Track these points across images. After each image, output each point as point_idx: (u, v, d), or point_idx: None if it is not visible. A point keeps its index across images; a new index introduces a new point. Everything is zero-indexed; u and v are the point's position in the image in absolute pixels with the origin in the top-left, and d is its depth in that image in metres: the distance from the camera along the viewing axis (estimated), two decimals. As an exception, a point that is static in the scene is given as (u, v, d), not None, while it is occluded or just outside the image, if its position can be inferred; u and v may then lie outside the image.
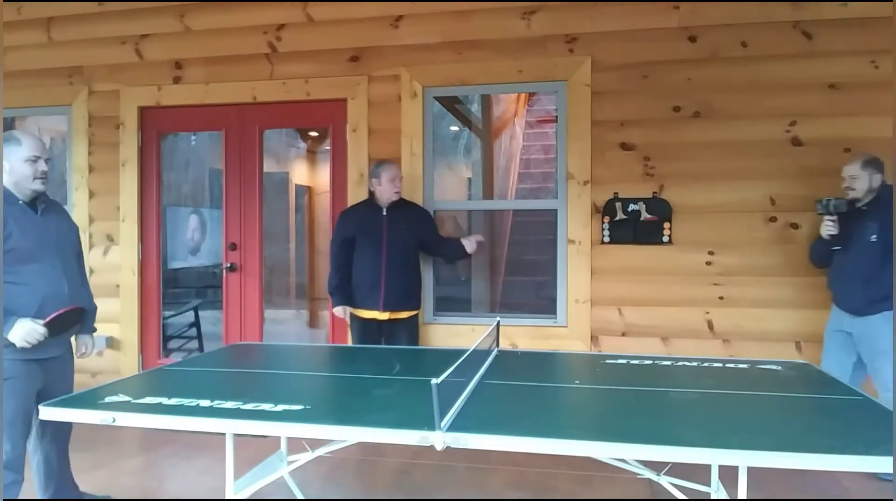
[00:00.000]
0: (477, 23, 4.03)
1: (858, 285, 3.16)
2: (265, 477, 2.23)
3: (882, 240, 3.09)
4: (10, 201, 2.42)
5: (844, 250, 3.25)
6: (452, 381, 1.75)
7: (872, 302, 3.12)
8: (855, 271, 3.19)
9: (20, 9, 4.58)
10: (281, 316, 6.80)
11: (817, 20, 3.65)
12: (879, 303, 3.10)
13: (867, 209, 3.21)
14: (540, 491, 3.04)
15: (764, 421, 1.81)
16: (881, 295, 3.08)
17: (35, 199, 2.51)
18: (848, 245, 3.23)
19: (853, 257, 3.20)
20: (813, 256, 3.49)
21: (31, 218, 2.47)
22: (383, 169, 3.73)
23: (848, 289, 3.25)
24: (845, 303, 3.27)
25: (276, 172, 7.12)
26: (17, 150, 2.44)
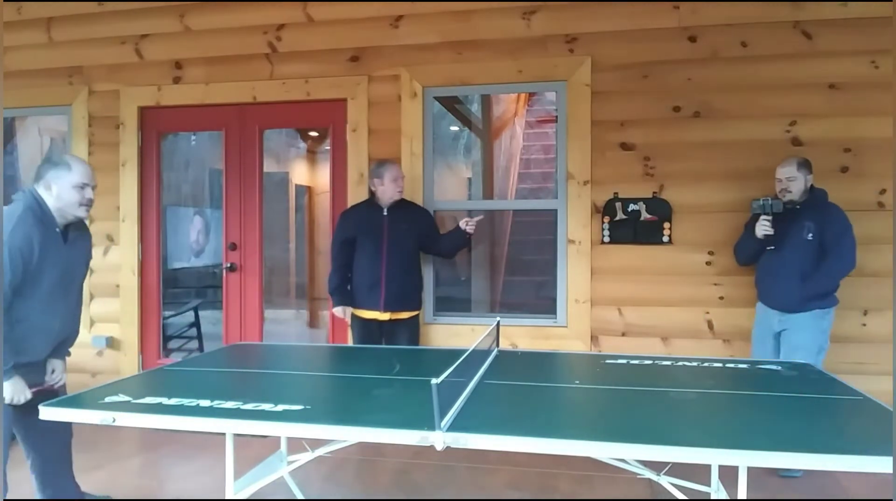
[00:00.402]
0: (477, 23, 4.03)
1: (794, 283, 3.24)
2: (265, 477, 2.23)
3: (818, 239, 3.22)
4: (48, 226, 2.39)
5: (778, 248, 3.32)
6: (452, 381, 1.75)
7: (806, 300, 3.22)
8: (790, 269, 3.27)
9: (20, 9, 4.58)
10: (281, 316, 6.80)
11: (817, 20, 3.65)
12: (812, 301, 3.23)
13: (801, 209, 3.30)
14: (540, 491, 3.04)
15: (764, 421, 1.81)
16: (814, 293, 3.22)
17: (68, 225, 2.49)
18: (782, 244, 3.31)
19: (788, 256, 3.28)
20: (740, 255, 3.56)
21: (60, 248, 2.45)
22: (385, 169, 3.73)
23: (781, 287, 3.31)
24: (776, 301, 3.35)
25: (276, 172, 7.12)
26: (66, 175, 2.42)
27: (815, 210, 3.28)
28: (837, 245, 3.20)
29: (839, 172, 3.65)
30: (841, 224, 3.23)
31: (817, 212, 3.27)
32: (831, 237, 3.21)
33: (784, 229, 3.31)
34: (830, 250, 3.21)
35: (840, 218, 3.25)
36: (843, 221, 3.25)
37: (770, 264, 3.38)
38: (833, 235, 3.21)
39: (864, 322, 3.64)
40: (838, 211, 3.29)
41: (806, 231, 3.24)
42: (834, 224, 3.22)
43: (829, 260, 3.21)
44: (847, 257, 3.23)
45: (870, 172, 3.62)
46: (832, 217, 3.25)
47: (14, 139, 5.52)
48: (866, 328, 3.63)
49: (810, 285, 3.22)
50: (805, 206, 3.31)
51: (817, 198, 3.34)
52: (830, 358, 3.50)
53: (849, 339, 3.64)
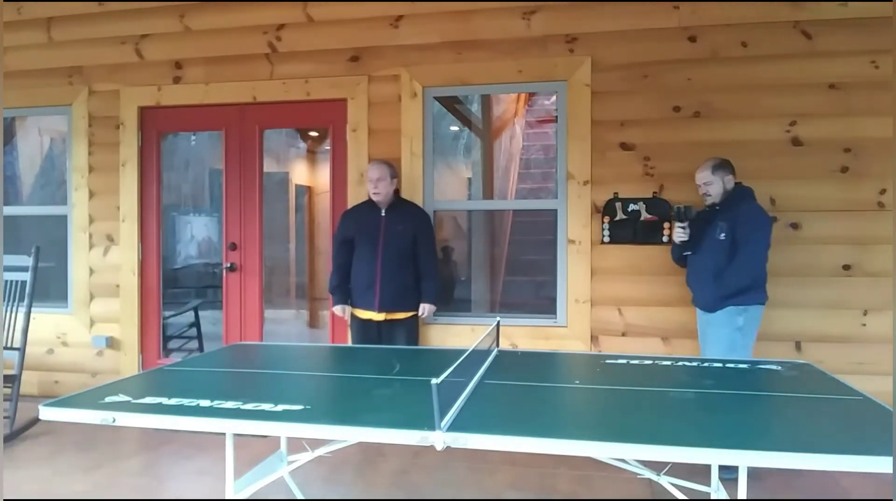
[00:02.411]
0: (477, 23, 4.03)
1: (709, 283, 3.26)
2: (265, 477, 2.23)
3: (730, 238, 3.20)
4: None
5: (696, 251, 3.35)
6: (452, 381, 1.75)
7: (721, 298, 3.21)
8: (706, 269, 3.28)
9: (20, 9, 4.58)
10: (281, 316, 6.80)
11: (817, 20, 3.65)
12: (725, 299, 3.21)
13: (719, 210, 3.31)
14: (540, 491, 3.04)
15: (764, 421, 1.81)
16: (728, 292, 3.19)
17: None
18: (699, 246, 3.33)
19: (704, 257, 3.30)
20: (672, 257, 3.58)
21: None
22: (367, 169, 3.77)
23: (700, 288, 3.36)
24: (699, 300, 3.38)
25: (276, 172, 7.12)
26: None
27: (730, 210, 3.26)
28: (747, 243, 3.17)
29: (839, 172, 3.65)
30: (753, 222, 3.21)
31: (731, 211, 3.25)
32: (742, 235, 3.18)
33: (702, 231, 3.32)
34: (740, 248, 3.18)
35: (752, 216, 3.23)
36: (756, 218, 3.23)
37: (692, 266, 3.41)
38: (744, 232, 3.18)
39: (864, 322, 3.64)
40: (752, 208, 3.26)
41: (719, 231, 3.23)
42: (745, 222, 3.19)
43: (738, 257, 3.18)
44: (756, 255, 3.21)
45: (870, 172, 3.62)
46: (744, 216, 3.21)
47: (14, 139, 5.52)
48: (866, 328, 3.63)
49: (721, 283, 3.20)
50: (723, 206, 3.30)
51: (734, 197, 3.30)
52: (831, 358, 3.51)
53: (849, 339, 3.64)
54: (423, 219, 3.88)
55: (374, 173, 3.73)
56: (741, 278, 3.19)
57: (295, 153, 7.63)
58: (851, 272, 3.65)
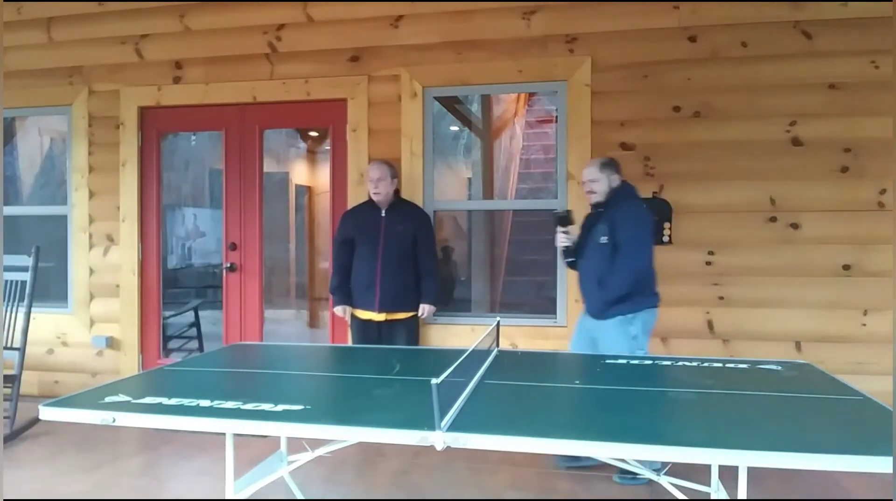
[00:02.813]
0: (477, 23, 4.03)
1: (595, 289, 3.11)
2: (265, 477, 2.23)
3: (611, 241, 3.06)
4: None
5: (581, 255, 3.23)
6: (452, 381, 1.75)
7: (607, 305, 3.06)
8: (591, 274, 3.15)
9: (20, 9, 4.58)
10: (281, 316, 6.81)
11: (817, 20, 3.65)
12: (612, 307, 3.05)
13: (602, 212, 3.17)
14: (540, 491, 3.04)
15: (764, 421, 1.81)
16: (613, 298, 3.03)
17: None
18: (584, 250, 3.22)
19: (589, 262, 3.18)
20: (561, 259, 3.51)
21: None
22: (368, 169, 3.75)
23: (587, 294, 3.21)
24: (588, 307, 3.22)
25: (276, 172, 7.13)
26: None
27: (611, 210, 3.12)
28: (627, 245, 3.03)
29: (839, 172, 3.65)
30: (633, 222, 3.07)
31: (612, 212, 3.11)
32: (622, 237, 3.04)
33: (589, 234, 3.20)
34: (620, 251, 3.03)
35: (633, 216, 3.10)
36: (637, 218, 3.10)
37: (580, 271, 3.28)
38: (624, 234, 3.04)
39: (864, 322, 3.64)
40: (633, 208, 3.14)
41: (600, 235, 3.10)
42: (624, 223, 3.05)
43: (618, 261, 3.03)
44: (638, 257, 3.06)
45: (870, 172, 3.62)
46: (623, 216, 3.07)
47: (14, 139, 5.52)
48: (866, 328, 3.63)
49: (604, 289, 3.05)
50: (606, 207, 3.16)
51: (616, 197, 3.16)
52: (830, 358, 3.51)
53: (849, 339, 3.64)
54: (424, 219, 3.88)
55: (375, 173, 3.73)
56: (624, 282, 3.03)
57: (295, 153, 7.64)
58: (851, 272, 3.65)
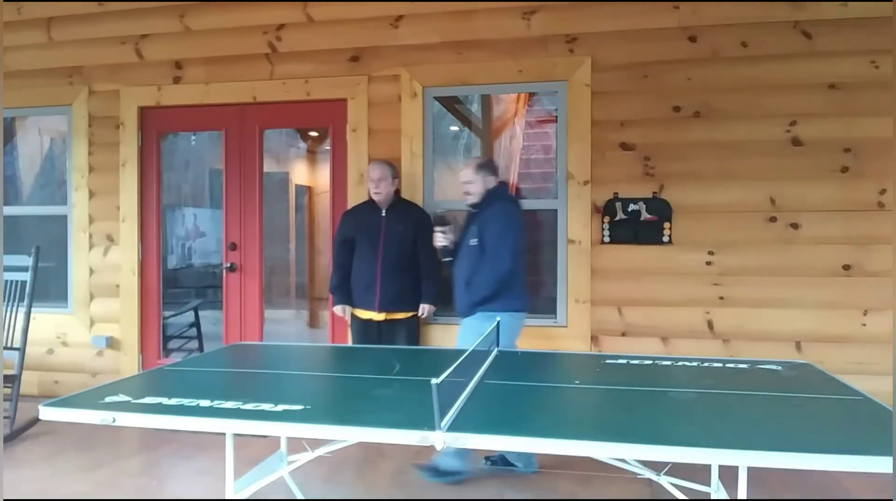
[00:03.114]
0: (477, 23, 4.03)
1: (462, 291, 3.15)
2: (265, 477, 2.23)
3: (481, 243, 3.08)
4: None
5: (458, 254, 3.23)
6: (452, 381, 1.75)
7: (471, 305, 3.10)
8: (460, 275, 3.18)
9: (20, 9, 4.58)
10: (281, 316, 6.81)
11: (817, 20, 3.65)
12: (475, 306, 3.10)
13: (479, 212, 3.18)
14: (540, 491, 3.04)
15: (764, 421, 1.81)
16: (478, 298, 3.08)
17: None
18: (460, 251, 3.21)
19: (460, 263, 3.20)
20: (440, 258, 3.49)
21: None
22: (368, 169, 3.76)
23: (457, 295, 3.23)
24: (457, 307, 3.25)
25: (276, 172, 7.13)
26: None
27: (482, 212, 3.14)
28: (492, 246, 3.05)
29: (839, 172, 3.65)
30: (500, 224, 3.08)
31: (483, 214, 3.13)
32: (489, 239, 3.07)
33: (463, 235, 3.23)
34: (486, 252, 3.06)
35: (500, 217, 3.10)
36: (504, 219, 3.10)
37: (454, 270, 3.28)
38: (491, 236, 3.07)
39: (864, 322, 3.64)
40: (502, 209, 3.13)
41: (470, 236, 3.13)
42: (492, 225, 3.07)
43: (484, 264, 3.06)
44: (503, 258, 3.05)
45: (870, 172, 3.62)
46: (492, 219, 3.09)
47: (14, 139, 5.52)
48: (866, 328, 3.63)
49: (470, 290, 3.10)
50: (479, 208, 3.19)
51: (489, 198, 3.17)
52: (830, 358, 3.51)
53: (849, 339, 3.64)
54: (424, 219, 3.87)
55: (376, 173, 3.73)
56: (487, 284, 3.06)
57: (295, 153, 7.64)
58: (851, 272, 3.65)
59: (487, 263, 3.05)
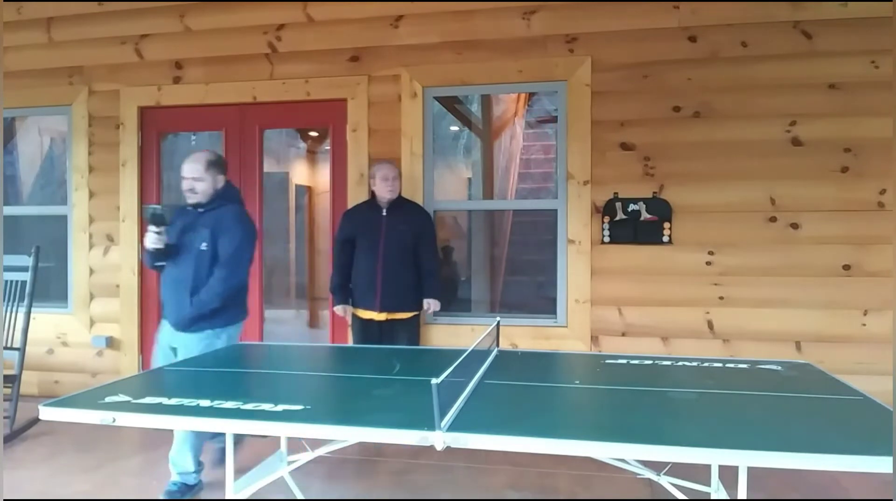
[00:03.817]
0: (477, 23, 4.03)
1: (184, 297, 2.86)
2: (265, 477, 2.23)
3: (213, 248, 2.87)
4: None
5: (176, 260, 2.92)
6: (452, 381, 1.75)
7: (196, 318, 2.86)
8: (183, 281, 2.88)
9: (20, 9, 4.58)
10: (281, 316, 6.80)
11: (817, 20, 3.66)
12: (201, 320, 2.87)
13: (204, 214, 2.93)
14: (540, 491, 3.04)
15: (764, 421, 1.81)
16: (204, 311, 2.85)
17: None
18: (181, 254, 2.91)
19: (183, 267, 2.89)
20: (146, 264, 3.13)
21: None
22: (377, 168, 3.74)
23: (176, 302, 2.90)
24: (171, 317, 2.93)
25: (276, 172, 7.12)
26: None
27: (214, 214, 2.91)
28: (230, 256, 2.86)
29: (839, 172, 3.65)
30: (240, 233, 2.89)
31: (215, 217, 2.90)
32: (226, 247, 2.86)
33: (185, 235, 2.93)
34: (222, 261, 2.86)
35: (239, 224, 2.91)
36: (243, 228, 2.92)
37: (168, 276, 2.96)
38: (228, 244, 2.86)
39: (864, 322, 3.64)
40: (239, 216, 2.96)
41: (200, 240, 2.87)
42: (230, 232, 2.87)
43: (217, 273, 2.85)
44: (240, 270, 2.90)
45: (870, 172, 3.62)
46: (232, 227, 2.89)
47: (14, 139, 5.52)
48: (866, 328, 3.63)
49: (198, 301, 2.84)
50: (207, 209, 2.93)
51: (221, 199, 2.95)
52: (830, 358, 3.51)
53: (849, 339, 3.64)
54: (425, 218, 3.88)
55: (391, 172, 3.73)
56: (220, 295, 2.86)
57: (295, 153, 7.64)
58: (851, 272, 3.65)
59: (223, 272, 2.84)
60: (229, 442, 2.08)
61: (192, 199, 2.93)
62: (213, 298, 2.85)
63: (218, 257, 2.86)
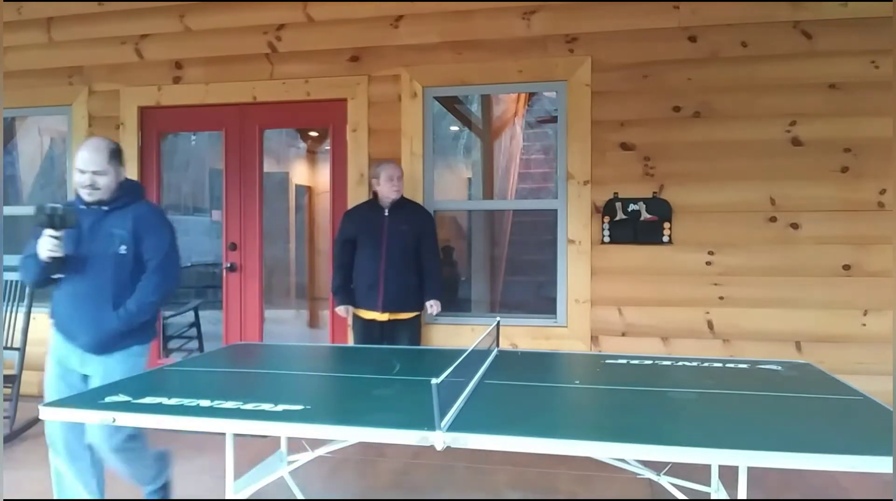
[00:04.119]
0: (477, 23, 4.03)
1: (100, 313, 2.40)
2: (265, 477, 2.23)
3: (134, 252, 2.44)
4: None
5: (81, 267, 2.42)
6: (452, 381, 1.75)
7: (118, 336, 2.43)
8: (95, 293, 2.40)
9: (20, 9, 4.58)
10: (281, 316, 6.80)
11: (817, 20, 3.66)
12: (129, 337, 2.47)
13: (110, 212, 2.47)
14: (540, 491, 3.04)
15: (764, 421, 1.81)
16: (136, 324, 2.47)
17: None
18: (84, 262, 2.41)
19: (94, 276, 2.41)
20: (29, 278, 2.49)
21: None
22: (382, 168, 3.73)
23: (89, 320, 2.40)
24: (81, 338, 2.43)
25: (276, 172, 7.13)
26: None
27: (124, 212, 2.48)
28: (158, 259, 2.47)
29: (839, 172, 3.65)
30: (165, 232, 2.53)
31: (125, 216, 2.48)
32: (155, 249, 2.48)
33: (88, 240, 2.43)
34: (154, 267, 2.47)
35: (164, 224, 2.56)
36: (167, 226, 2.56)
37: (68, 289, 2.45)
38: (158, 245, 2.48)
39: (864, 322, 3.64)
40: (159, 214, 2.62)
41: (118, 243, 2.43)
42: (154, 232, 2.50)
43: (146, 279, 2.46)
44: (172, 275, 2.53)
45: (870, 172, 3.62)
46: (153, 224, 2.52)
47: (14, 139, 5.52)
48: (866, 328, 3.63)
49: (124, 315, 2.41)
50: (113, 207, 2.48)
51: (129, 195, 2.54)
52: (830, 358, 3.51)
53: (849, 339, 3.64)
54: (427, 218, 3.88)
55: (396, 172, 3.73)
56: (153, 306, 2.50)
57: (295, 153, 7.64)
58: (851, 272, 3.65)
59: (156, 278, 2.46)
60: (229, 442, 2.08)
61: (91, 196, 2.44)
62: (145, 309, 2.47)
63: (142, 263, 2.48)
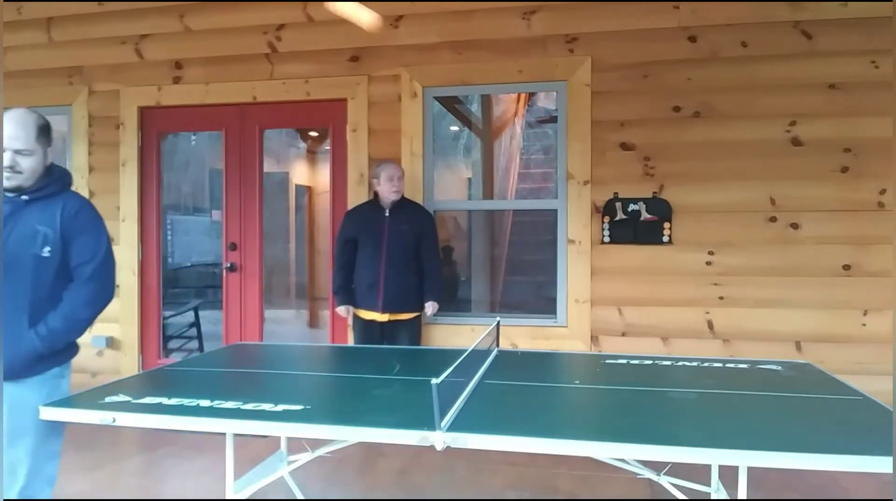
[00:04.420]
0: (477, 23, 4.03)
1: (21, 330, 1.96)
2: (265, 477, 2.23)
3: (60, 255, 2.02)
4: None
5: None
6: (452, 381, 1.75)
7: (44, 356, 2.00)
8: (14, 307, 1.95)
9: (20, 9, 4.58)
10: (281, 316, 6.80)
11: (817, 20, 3.65)
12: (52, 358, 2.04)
13: (31, 202, 2.03)
14: (540, 491, 3.04)
15: (764, 421, 1.81)
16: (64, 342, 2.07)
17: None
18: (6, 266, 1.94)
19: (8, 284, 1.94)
20: None
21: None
22: (382, 168, 3.73)
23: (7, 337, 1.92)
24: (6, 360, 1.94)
25: (276, 172, 7.13)
26: None
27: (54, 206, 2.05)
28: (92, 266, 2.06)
29: (839, 172, 3.65)
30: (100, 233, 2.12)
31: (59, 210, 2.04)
32: (81, 252, 2.05)
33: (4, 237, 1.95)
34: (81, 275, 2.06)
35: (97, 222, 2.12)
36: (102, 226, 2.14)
37: None
38: (85, 248, 2.06)
39: (864, 322, 3.64)
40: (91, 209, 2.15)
41: (40, 243, 1.99)
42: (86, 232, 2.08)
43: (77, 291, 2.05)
44: (106, 285, 2.13)
45: (870, 172, 3.62)
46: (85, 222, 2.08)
47: (14, 139, 5.51)
48: (866, 328, 3.63)
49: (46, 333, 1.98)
50: (42, 196, 2.05)
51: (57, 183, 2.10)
52: (831, 358, 3.51)
53: (849, 339, 3.64)
54: (427, 218, 3.88)
55: (397, 172, 3.73)
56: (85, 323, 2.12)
57: (295, 153, 7.64)
58: (851, 272, 3.65)
59: (89, 290, 2.07)
60: (229, 442, 2.08)
61: (10, 181, 1.97)
62: (74, 327, 2.06)
63: (70, 268, 2.05)
